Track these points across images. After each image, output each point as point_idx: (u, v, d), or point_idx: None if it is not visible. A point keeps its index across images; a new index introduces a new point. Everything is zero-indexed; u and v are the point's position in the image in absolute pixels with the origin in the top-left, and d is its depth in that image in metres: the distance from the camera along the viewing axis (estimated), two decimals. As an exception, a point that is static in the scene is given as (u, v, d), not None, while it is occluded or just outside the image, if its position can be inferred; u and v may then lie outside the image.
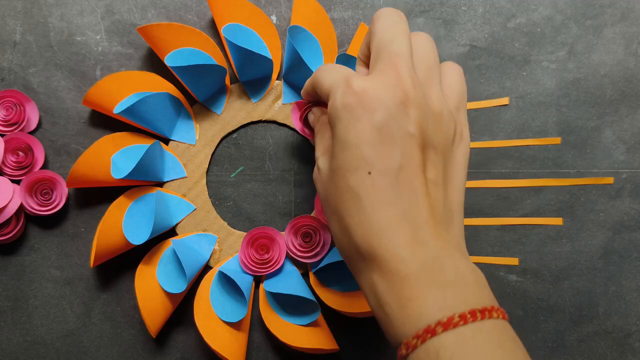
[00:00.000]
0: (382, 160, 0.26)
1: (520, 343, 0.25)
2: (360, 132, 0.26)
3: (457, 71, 0.31)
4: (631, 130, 0.40)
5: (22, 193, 0.37)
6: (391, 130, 0.26)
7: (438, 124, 0.28)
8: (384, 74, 0.27)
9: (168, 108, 0.37)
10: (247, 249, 0.37)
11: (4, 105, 0.37)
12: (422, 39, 0.30)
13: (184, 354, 0.38)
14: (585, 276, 0.39)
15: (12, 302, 0.38)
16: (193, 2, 0.39)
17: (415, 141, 0.26)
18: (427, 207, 0.26)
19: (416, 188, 0.26)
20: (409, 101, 0.27)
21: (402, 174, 0.26)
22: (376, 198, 0.26)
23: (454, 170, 0.29)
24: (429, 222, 0.26)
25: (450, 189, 0.28)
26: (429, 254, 0.25)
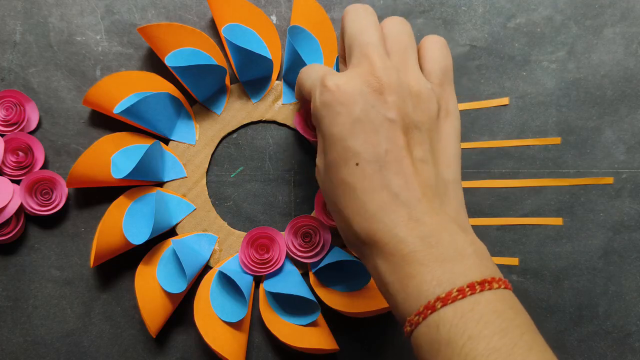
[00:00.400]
0: (367, 149, 0.27)
1: (522, 310, 0.26)
2: (342, 126, 0.27)
3: (438, 45, 0.31)
4: (631, 130, 0.40)
5: (22, 193, 0.37)
6: (371, 119, 0.27)
7: (418, 104, 0.28)
8: (357, 67, 0.28)
9: (168, 108, 0.37)
10: (247, 249, 0.37)
11: (4, 105, 0.37)
12: (392, 22, 0.31)
13: (184, 354, 0.38)
14: (585, 276, 0.39)
15: (12, 302, 0.38)
16: (193, 2, 0.39)
17: (396, 125, 0.27)
18: (418, 186, 0.27)
19: (404, 169, 0.27)
20: (383, 88, 0.27)
21: (388, 159, 0.27)
22: (368, 185, 0.27)
23: (443, 145, 0.29)
24: (422, 200, 0.27)
25: (442, 164, 0.29)
26: (425, 231, 0.26)
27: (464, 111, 0.40)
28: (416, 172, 0.27)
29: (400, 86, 0.28)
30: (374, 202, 0.27)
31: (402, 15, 0.40)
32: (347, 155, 0.27)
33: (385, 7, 0.40)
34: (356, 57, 0.29)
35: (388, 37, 0.30)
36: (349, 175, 0.27)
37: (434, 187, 0.28)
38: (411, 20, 0.40)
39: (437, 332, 0.24)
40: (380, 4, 0.40)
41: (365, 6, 0.31)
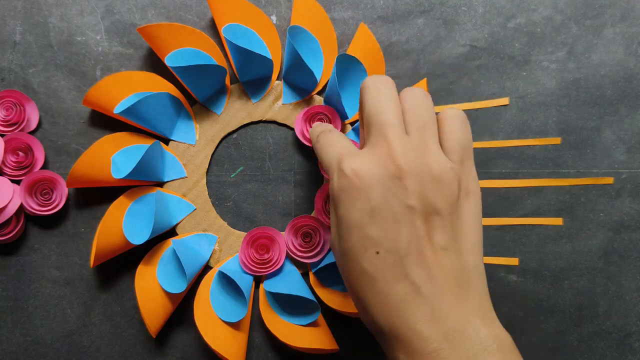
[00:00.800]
0: (387, 238, 0.26)
1: None
2: (360, 213, 0.26)
3: (457, 119, 0.30)
4: (631, 130, 0.40)
5: (22, 193, 0.37)
6: (391, 207, 0.26)
7: (439, 187, 0.27)
8: (375, 148, 0.27)
9: (168, 108, 0.37)
10: (247, 249, 0.37)
11: (4, 105, 0.37)
12: (412, 96, 0.29)
13: (184, 354, 0.38)
14: (585, 276, 0.39)
15: (12, 302, 0.38)
16: (193, 2, 0.39)
17: (416, 213, 0.26)
18: (440, 277, 0.26)
19: (426, 259, 0.26)
20: (403, 173, 0.26)
21: (409, 248, 0.26)
22: (389, 276, 0.26)
23: (465, 229, 0.28)
24: (445, 292, 0.26)
25: (464, 250, 0.28)
26: (449, 327, 0.25)
27: (464, 111, 0.40)
28: (438, 262, 0.26)
29: (420, 169, 0.27)
30: (395, 295, 0.26)
31: (402, 15, 0.40)
32: (366, 244, 0.26)
33: (385, 7, 0.40)
34: (374, 136, 0.28)
35: (407, 111, 0.29)
36: (370, 265, 0.26)
37: (456, 277, 0.27)
38: (411, 20, 0.40)
39: None
40: (381, 4, 0.40)
41: (383, 79, 0.29)
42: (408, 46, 0.40)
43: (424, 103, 0.29)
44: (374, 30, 0.39)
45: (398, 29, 0.40)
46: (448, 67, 0.40)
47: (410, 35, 0.40)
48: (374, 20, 0.40)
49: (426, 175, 0.27)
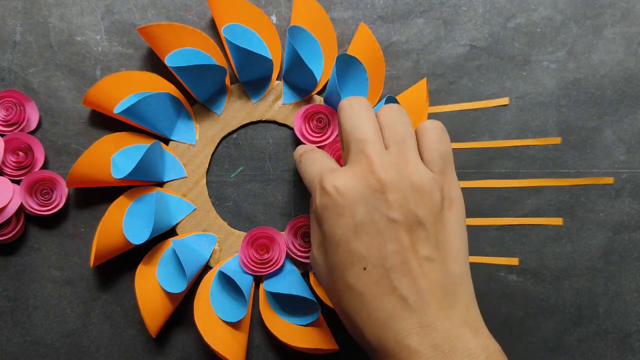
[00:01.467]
0: (373, 253, 0.26)
1: None
2: (345, 229, 0.27)
3: (435, 131, 0.30)
4: (631, 130, 0.40)
5: (22, 193, 0.37)
6: (374, 221, 0.27)
7: (421, 198, 0.28)
8: (355, 164, 0.28)
9: (168, 108, 0.37)
10: (247, 249, 0.37)
11: (4, 106, 0.37)
12: (389, 112, 0.30)
13: (184, 354, 0.38)
14: (585, 276, 0.39)
15: (12, 302, 0.38)
16: (193, 2, 0.39)
17: (400, 225, 0.27)
18: (427, 288, 0.26)
19: (412, 271, 0.26)
20: (384, 187, 0.27)
21: (395, 261, 0.26)
22: (376, 291, 0.26)
23: (449, 238, 0.28)
24: (432, 304, 0.26)
25: (449, 259, 0.28)
26: (438, 339, 0.25)
27: (464, 111, 0.40)
28: (423, 273, 0.27)
29: (401, 182, 0.27)
30: (383, 310, 0.26)
31: (402, 15, 0.40)
32: (352, 259, 0.27)
33: (385, 7, 0.40)
34: (354, 153, 0.28)
35: (385, 127, 0.29)
36: (356, 280, 0.27)
37: (443, 287, 0.27)
38: (411, 20, 0.40)
39: None
40: (381, 4, 0.40)
41: (358, 99, 0.30)
42: (408, 46, 0.40)
43: (401, 118, 0.30)
44: (374, 30, 0.39)
45: (398, 29, 0.40)
46: (448, 67, 0.40)
47: (410, 35, 0.40)
48: (374, 20, 0.40)
49: (407, 187, 0.27)
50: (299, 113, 0.38)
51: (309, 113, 0.38)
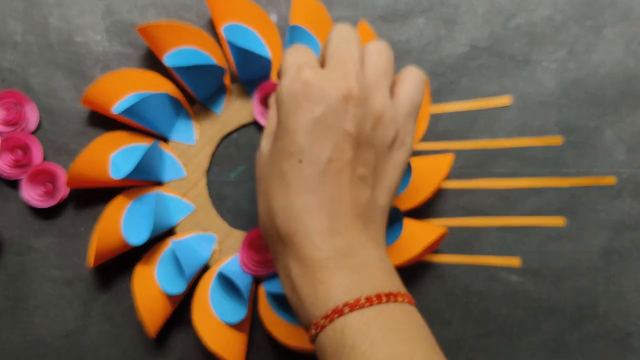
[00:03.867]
0: (314, 151, 0.27)
1: (424, 324, 0.27)
2: (299, 121, 0.28)
3: (414, 79, 0.31)
4: (632, 130, 0.40)
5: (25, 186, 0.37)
6: (328, 124, 0.27)
7: (377, 126, 0.29)
8: (333, 70, 0.29)
9: (167, 108, 0.37)
10: (247, 249, 0.37)
11: (4, 106, 0.37)
12: (374, 46, 0.31)
13: (184, 354, 0.38)
14: (586, 276, 0.39)
15: (12, 302, 0.38)
16: (193, 2, 0.39)
17: (349, 138, 0.28)
18: (348, 201, 0.28)
19: (341, 182, 0.28)
20: (350, 97, 0.28)
21: (330, 166, 0.27)
22: (302, 184, 0.27)
23: (386, 172, 0.30)
24: (348, 215, 0.28)
25: (379, 189, 0.29)
26: (342, 242, 0.27)
27: (465, 111, 0.40)
28: (352, 188, 0.28)
29: (366, 102, 0.28)
30: (301, 202, 0.27)
31: (402, 15, 0.40)
32: (293, 149, 0.28)
33: (385, 7, 0.40)
34: (334, 63, 0.29)
35: (367, 56, 0.30)
36: (289, 169, 0.28)
37: (363, 207, 0.28)
38: (411, 20, 0.40)
39: (343, 336, 0.25)
40: (381, 4, 0.40)
41: (352, 27, 0.31)
42: (408, 46, 0.40)
43: (386, 55, 0.31)
44: (375, 29, 0.39)
45: (398, 29, 0.40)
46: (448, 67, 0.40)
47: (410, 35, 0.40)
48: (375, 20, 0.40)
49: (370, 110, 0.29)
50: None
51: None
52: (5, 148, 0.37)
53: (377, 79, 0.30)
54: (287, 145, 0.28)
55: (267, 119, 0.33)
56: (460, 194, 0.39)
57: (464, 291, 0.39)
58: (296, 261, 0.27)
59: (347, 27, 0.31)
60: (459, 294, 0.39)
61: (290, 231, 0.27)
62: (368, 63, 0.30)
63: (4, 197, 0.38)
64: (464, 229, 0.39)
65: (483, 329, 0.39)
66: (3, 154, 0.37)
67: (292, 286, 0.28)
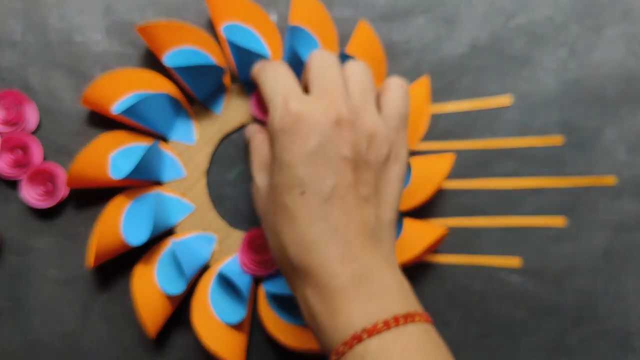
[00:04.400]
0: (315, 181, 0.28)
1: (442, 344, 0.27)
2: (295, 154, 0.28)
3: (399, 91, 0.32)
4: (632, 130, 0.40)
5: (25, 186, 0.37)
6: (325, 153, 0.28)
7: (371, 144, 0.29)
8: (319, 98, 0.29)
9: (167, 108, 0.37)
10: (247, 249, 0.37)
11: (4, 106, 0.37)
12: (354, 67, 0.32)
13: (184, 354, 0.38)
14: (586, 276, 0.39)
15: (12, 302, 0.38)
16: (192, 1, 0.39)
17: (348, 162, 0.28)
18: (357, 223, 0.28)
19: (347, 205, 0.28)
20: (341, 122, 0.28)
21: (334, 193, 0.28)
22: (309, 216, 0.28)
23: (387, 187, 0.30)
24: (359, 238, 0.28)
25: (383, 206, 0.30)
26: (358, 268, 0.27)
27: (465, 111, 0.40)
28: (358, 211, 0.28)
29: (357, 124, 0.29)
30: (312, 234, 0.28)
31: (402, 15, 0.40)
32: (293, 183, 0.28)
33: (385, 7, 0.40)
34: (318, 90, 0.30)
35: (349, 78, 0.31)
36: (292, 202, 0.28)
37: (372, 227, 0.29)
38: (411, 20, 0.40)
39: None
40: (381, 3, 0.40)
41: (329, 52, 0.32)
42: (408, 45, 0.40)
43: (366, 73, 0.32)
44: (375, 29, 0.39)
45: (398, 28, 0.40)
46: (449, 67, 0.40)
47: (410, 35, 0.40)
48: (375, 19, 0.40)
49: (362, 130, 0.29)
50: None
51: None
52: (5, 148, 0.37)
53: (363, 97, 0.30)
54: (287, 180, 0.28)
55: (253, 150, 0.34)
56: (460, 194, 0.39)
57: (464, 291, 0.39)
58: (313, 289, 0.28)
59: (324, 52, 0.32)
60: (459, 294, 0.39)
61: (305, 262, 0.28)
62: (351, 83, 0.31)
63: (3, 197, 0.38)
64: (464, 229, 0.39)
65: (483, 329, 0.39)
66: (3, 154, 0.37)
67: (310, 314, 0.28)
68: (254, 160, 0.34)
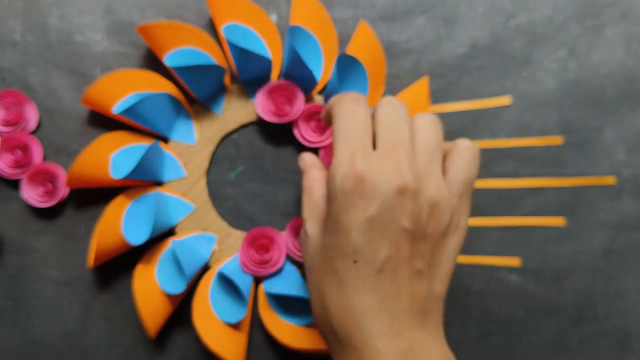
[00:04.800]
0: (370, 250, 0.26)
1: None
2: (353, 219, 0.27)
3: (468, 154, 0.30)
4: (632, 130, 0.40)
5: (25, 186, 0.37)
6: (384, 222, 0.26)
7: (432, 214, 0.28)
8: (385, 158, 0.27)
9: (167, 108, 0.37)
10: (247, 249, 0.37)
11: (4, 106, 0.37)
12: (424, 122, 0.30)
13: (184, 354, 0.38)
14: (586, 276, 0.39)
15: (12, 302, 0.38)
16: (192, 1, 0.39)
17: (406, 234, 0.27)
18: (407, 298, 0.27)
19: (399, 279, 0.27)
20: (405, 191, 0.27)
21: (387, 265, 0.26)
22: (359, 286, 0.27)
23: (442, 260, 0.29)
24: (407, 313, 0.27)
25: (435, 280, 0.28)
26: (404, 344, 0.26)
27: (465, 111, 0.40)
28: (410, 284, 0.27)
29: (420, 191, 0.27)
30: (359, 303, 0.26)
31: (402, 15, 0.40)
32: (347, 249, 0.27)
33: (385, 7, 0.40)
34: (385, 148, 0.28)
35: (417, 134, 0.29)
36: (343, 269, 0.27)
37: (422, 302, 0.27)
38: (411, 20, 0.40)
39: None
40: (381, 3, 0.40)
41: (399, 101, 0.30)
42: (408, 46, 0.40)
43: (436, 130, 0.30)
44: (374, 29, 0.39)
45: (398, 29, 0.40)
46: (448, 67, 0.40)
47: (410, 35, 0.40)
48: (374, 20, 0.40)
49: (425, 199, 0.27)
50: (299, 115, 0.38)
51: (309, 113, 0.38)
52: (5, 148, 0.37)
53: (429, 159, 0.29)
54: (341, 244, 0.27)
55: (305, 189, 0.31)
56: (461, 194, 0.39)
57: (464, 291, 0.39)
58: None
59: (395, 102, 0.29)
60: (459, 294, 0.39)
61: (349, 333, 0.26)
62: (419, 141, 0.29)
63: (4, 197, 0.38)
64: (464, 229, 0.39)
65: (483, 329, 0.39)
66: (3, 154, 0.37)
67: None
68: (305, 202, 0.31)
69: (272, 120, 0.37)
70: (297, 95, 0.38)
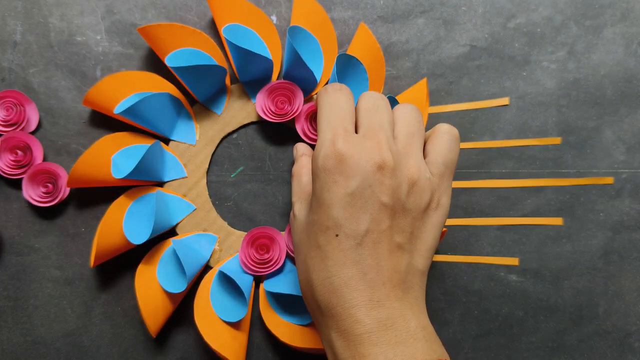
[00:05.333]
0: (350, 224, 0.28)
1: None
2: (334, 195, 0.28)
3: (448, 137, 0.32)
4: (631, 130, 0.40)
5: (25, 185, 0.37)
6: (364, 197, 0.28)
7: (412, 191, 0.29)
8: (365, 140, 0.29)
9: (168, 108, 0.37)
10: (247, 249, 0.37)
11: (4, 106, 0.37)
12: (404, 109, 0.32)
13: (184, 354, 0.38)
14: (585, 276, 0.39)
15: (12, 302, 0.38)
16: (193, 2, 0.39)
17: (385, 208, 0.28)
18: (387, 270, 0.28)
19: (379, 252, 0.28)
20: (384, 168, 0.28)
21: (367, 238, 0.28)
22: (340, 258, 0.28)
23: (423, 236, 0.30)
24: (387, 285, 0.28)
25: (417, 254, 0.29)
26: (383, 314, 0.27)
27: (464, 111, 0.40)
28: (390, 257, 0.28)
29: (400, 170, 0.29)
30: (340, 276, 0.28)
31: (402, 15, 0.40)
32: (329, 224, 0.28)
33: (385, 7, 0.40)
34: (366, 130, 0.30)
35: (397, 120, 0.31)
36: (326, 243, 0.28)
37: (402, 274, 0.28)
38: (411, 20, 0.40)
39: None
40: (381, 4, 0.40)
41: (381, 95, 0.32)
42: (408, 46, 0.40)
43: (415, 116, 0.32)
44: (374, 30, 0.39)
45: (398, 29, 0.40)
46: (448, 67, 0.40)
47: (410, 35, 0.40)
48: (374, 20, 0.40)
49: (404, 177, 0.29)
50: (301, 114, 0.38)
51: (311, 112, 0.38)
52: (6, 148, 0.37)
53: (408, 142, 0.30)
54: (323, 219, 0.28)
55: (294, 174, 0.34)
56: (460, 194, 0.39)
57: (464, 291, 0.39)
58: (338, 333, 0.27)
59: (375, 94, 0.31)
60: (459, 294, 0.39)
61: (331, 304, 0.28)
62: (399, 126, 0.31)
63: (4, 196, 0.38)
64: (463, 229, 0.39)
65: (483, 328, 0.39)
66: (3, 154, 0.37)
67: (334, 357, 0.28)
68: (294, 186, 0.34)
69: (272, 120, 0.38)
70: (297, 95, 0.38)
